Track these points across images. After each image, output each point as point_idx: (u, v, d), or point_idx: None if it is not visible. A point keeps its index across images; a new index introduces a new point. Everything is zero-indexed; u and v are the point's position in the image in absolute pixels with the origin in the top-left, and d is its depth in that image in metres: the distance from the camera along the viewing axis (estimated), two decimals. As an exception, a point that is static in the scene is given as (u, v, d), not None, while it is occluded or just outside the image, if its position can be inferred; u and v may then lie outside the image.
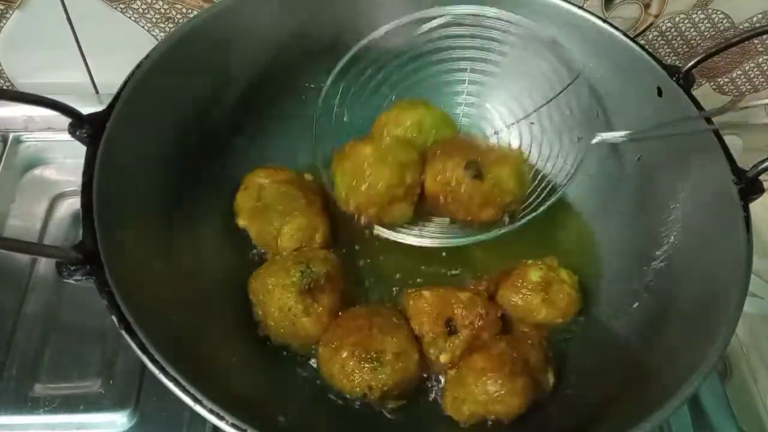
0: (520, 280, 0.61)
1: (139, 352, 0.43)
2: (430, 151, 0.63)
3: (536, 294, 0.60)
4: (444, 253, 0.65)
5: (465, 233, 0.63)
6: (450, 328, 0.58)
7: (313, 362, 0.59)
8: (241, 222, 0.65)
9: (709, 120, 0.56)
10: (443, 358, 0.57)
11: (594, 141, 0.63)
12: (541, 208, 0.62)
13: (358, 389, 0.54)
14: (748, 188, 0.53)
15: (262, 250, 0.65)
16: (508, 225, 0.62)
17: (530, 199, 0.63)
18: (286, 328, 0.57)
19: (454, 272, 0.65)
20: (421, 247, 0.63)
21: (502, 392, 0.53)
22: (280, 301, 0.57)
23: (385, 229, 0.63)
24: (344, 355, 0.54)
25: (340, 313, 0.59)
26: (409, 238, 0.63)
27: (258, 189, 0.65)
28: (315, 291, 0.57)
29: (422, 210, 0.64)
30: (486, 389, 0.53)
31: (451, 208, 0.62)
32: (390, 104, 0.69)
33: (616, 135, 0.62)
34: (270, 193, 0.64)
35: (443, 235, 0.64)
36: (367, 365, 0.53)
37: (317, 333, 0.57)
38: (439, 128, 0.67)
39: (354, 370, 0.53)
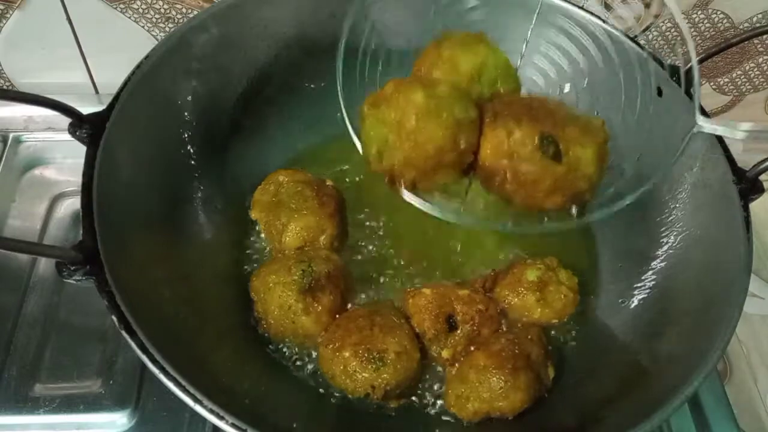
0: (517, 279, 0.61)
1: (139, 352, 0.43)
2: (490, 109, 0.49)
3: (532, 294, 0.60)
4: (446, 245, 0.66)
5: (517, 220, 0.51)
6: (450, 325, 0.58)
7: (313, 362, 0.59)
8: (254, 214, 0.65)
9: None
10: (445, 354, 0.57)
11: (703, 129, 0.50)
12: (623, 202, 0.50)
13: (360, 389, 0.53)
14: (748, 188, 0.53)
15: (264, 252, 0.65)
16: (576, 218, 0.50)
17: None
18: (286, 327, 0.57)
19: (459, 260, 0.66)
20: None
21: (506, 388, 0.53)
22: (280, 299, 0.57)
23: (417, 199, 0.49)
24: (346, 355, 0.54)
25: (337, 315, 0.59)
26: (447, 214, 0.50)
27: (277, 185, 0.65)
28: (316, 290, 0.57)
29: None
30: (489, 386, 0.53)
31: (508, 188, 0.48)
32: (438, 34, 0.55)
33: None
34: (286, 191, 0.64)
35: (488, 217, 0.53)
36: (369, 365, 0.53)
37: (317, 332, 0.57)
38: (502, 79, 0.52)
39: (356, 370, 0.53)
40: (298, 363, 0.59)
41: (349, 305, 0.61)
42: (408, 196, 0.49)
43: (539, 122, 0.46)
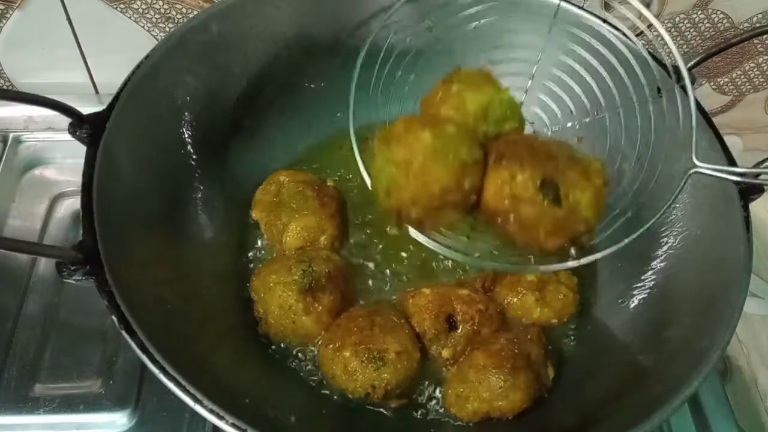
0: (516, 279, 0.61)
1: (139, 352, 0.43)
2: (494, 149, 0.50)
3: (531, 293, 0.60)
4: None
5: (517, 259, 0.53)
6: (450, 324, 0.58)
7: (313, 361, 0.59)
8: (255, 214, 0.65)
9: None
10: (445, 354, 0.57)
11: (701, 170, 0.51)
12: (621, 244, 0.51)
13: (360, 389, 0.54)
14: (748, 188, 0.53)
15: (264, 252, 0.65)
16: (575, 260, 0.51)
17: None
18: (286, 327, 0.57)
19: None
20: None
21: (505, 387, 0.53)
22: (280, 299, 0.57)
23: (422, 236, 0.52)
24: (347, 354, 0.54)
25: (338, 315, 0.59)
26: (453, 253, 0.51)
27: (278, 185, 0.65)
28: (316, 290, 0.57)
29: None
30: (489, 385, 0.53)
31: (510, 228, 0.50)
32: (448, 69, 0.57)
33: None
34: (287, 191, 0.65)
35: (492, 256, 0.54)
36: (369, 364, 0.53)
37: (317, 332, 0.57)
38: (506, 119, 0.54)
39: (357, 370, 0.53)
40: (298, 363, 0.59)
41: (350, 305, 0.61)
42: (414, 234, 0.51)
43: (541, 165, 0.48)
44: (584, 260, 0.51)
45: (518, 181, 0.48)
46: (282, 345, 0.59)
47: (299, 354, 0.59)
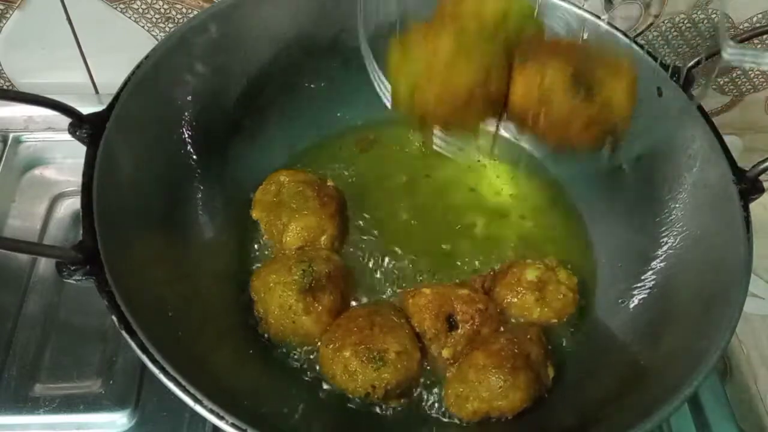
0: (516, 279, 0.61)
1: (139, 352, 0.43)
2: (518, 51, 0.49)
3: (531, 293, 0.60)
4: (446, 246, 0.66)
5: (550, 155, 0.55)
6: (450, 324, 0.58)
7: (314, 362, 0.59)
8: (255, 214, 0.65)
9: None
10: (445, 353, 0.57)
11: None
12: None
13: (361, 389, 0.54)
14: (748, 188, 0.53)
15: (264, 252, 0.65)
16: (609, 158, 0.51)
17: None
18: (286, 327, 0.57)
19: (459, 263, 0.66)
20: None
21: (505, 387, 0.53)
22: (280, 299, 0.57)
23: (446, 144, 0.50)
24: (347, 354, 0.54)
25: (338, 315, 0.59)
26: (481, 155, 0.53)
27: (279, 185, 0.65)
28: (316, 290, 0.57)
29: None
30: (489, 385, 0.53)
31: (542, 128, 0.49)
32: None
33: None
34: (287, 191, 0.65)
35: (521, 155, 0.55)
36: (370, 364, 0.53)
37: (317, 332, 0.57)
38: (527, 23, 0.52)
39: (357, 370, 0.53)
40: (298, 363, 0.59)
41: (350, 305, 0.61)
42: (439, 144, 0.50)
43: (569, 62, 0.47)
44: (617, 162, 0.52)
45: (547, 77, 0.47)
46: (282, 345, 0.59)
47: (299, 354, 0.59)
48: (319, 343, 0.58)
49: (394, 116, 0.74)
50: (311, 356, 0.59)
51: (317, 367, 0.58)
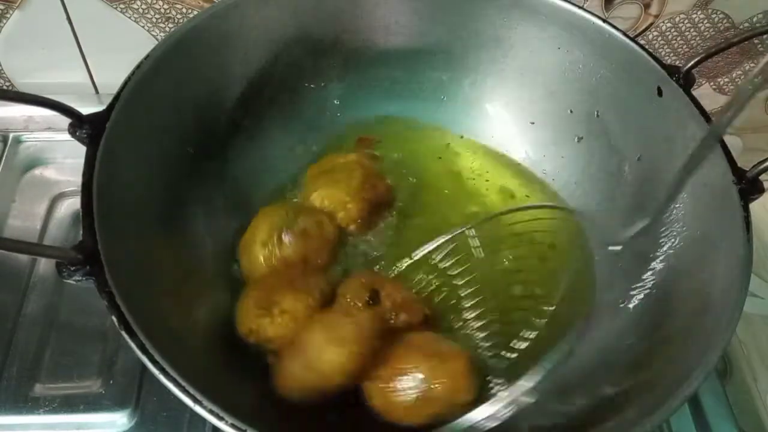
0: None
1: (139, 352, 0.43)
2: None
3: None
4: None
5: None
6: (371, 298, 0.57)
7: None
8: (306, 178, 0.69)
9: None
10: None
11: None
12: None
13: (244, 327, 0.56)
14: (748, 188, 0.53)
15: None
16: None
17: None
18: (245, 249, 0.61)
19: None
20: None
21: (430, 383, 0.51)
22: (255, 231, 0.60)
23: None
24: (251, 293, 0.57)
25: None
26: None
27: (335, 162, 0.68)
28: (284, 237, 0.59)
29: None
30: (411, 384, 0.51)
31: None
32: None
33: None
34: (342, 166, 0.67)
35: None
36: (258, 310, 0.55)
37: (261, 265, 0.59)
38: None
39: (249, 310, 0.56)
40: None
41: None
42: None
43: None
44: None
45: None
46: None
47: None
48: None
49: (395, 116, 0.76)
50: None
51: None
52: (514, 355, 0.58)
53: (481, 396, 0.53)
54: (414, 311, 0.58)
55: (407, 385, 0.51)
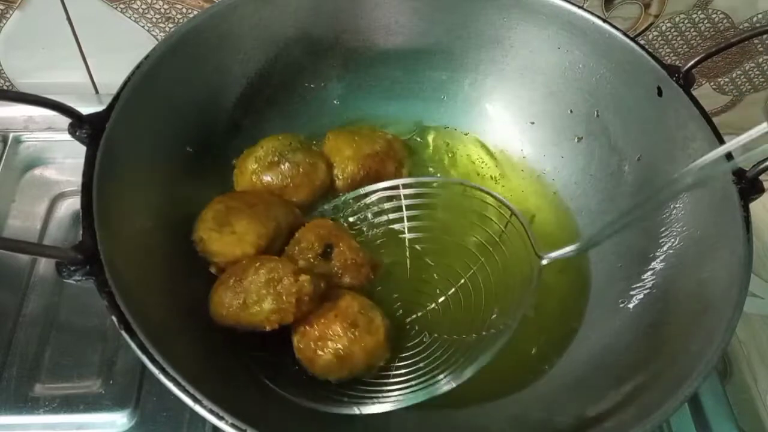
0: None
1: (139, 352, 0.43)
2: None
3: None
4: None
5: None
6: (323, 254, 0.59)
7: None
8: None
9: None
10: (301, 263, 0.58)
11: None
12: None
13: (195, 235, 0.59)
14: (748, 188, 0.53)
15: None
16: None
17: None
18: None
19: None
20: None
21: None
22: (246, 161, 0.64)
23: None
24: (207, 214, 0.60)
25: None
26: None
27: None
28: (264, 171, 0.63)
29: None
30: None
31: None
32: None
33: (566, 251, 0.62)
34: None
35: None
36: (219, 229, 0.58)
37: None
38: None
39: (210, 229, 0.58)
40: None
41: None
42: None
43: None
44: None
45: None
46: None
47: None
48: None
49: (396, 115, 0.76)
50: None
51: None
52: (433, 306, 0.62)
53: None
54: (359, 275, 0.59)
55: (328, 347, 0.54)
